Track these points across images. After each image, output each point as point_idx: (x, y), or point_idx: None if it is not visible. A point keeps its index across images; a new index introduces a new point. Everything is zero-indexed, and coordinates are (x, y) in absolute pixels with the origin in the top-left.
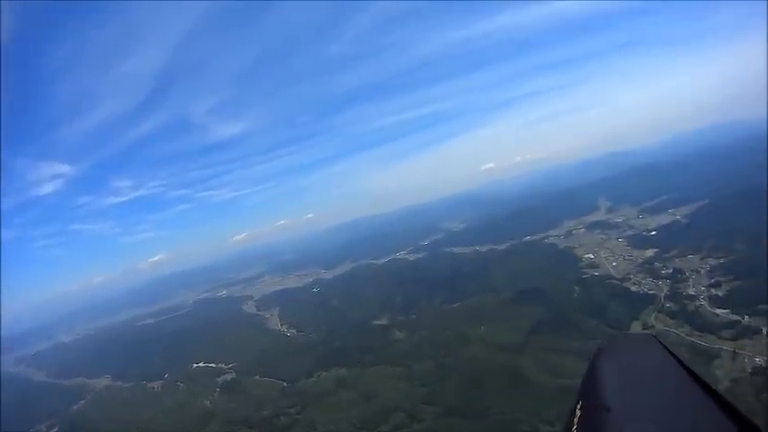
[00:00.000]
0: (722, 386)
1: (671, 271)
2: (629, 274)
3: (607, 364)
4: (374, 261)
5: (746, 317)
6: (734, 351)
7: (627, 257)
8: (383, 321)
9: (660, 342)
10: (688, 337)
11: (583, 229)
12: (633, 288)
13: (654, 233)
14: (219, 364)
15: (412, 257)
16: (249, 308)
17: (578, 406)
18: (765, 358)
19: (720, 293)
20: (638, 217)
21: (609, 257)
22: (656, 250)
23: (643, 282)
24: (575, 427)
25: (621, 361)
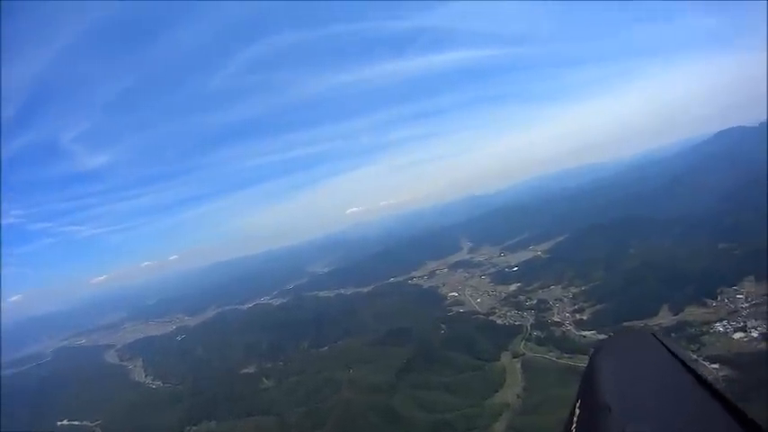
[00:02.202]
0: None
1: (535, 302)
2: (494, 308)
3: (605, 362)
4: (239, 306)
5: (612, 335)
6: None
7: (491, 293)
8: (251, 369)
9: (658, 339)
10: (559, 360)
11: (446, 269)
12: (499, 321)
13: (516, 269)
14: (84, 422)
15: (277, 302)
16: (112, 358)
17: (577, 405)
18: None
19: (585, 317)
20: (500, 255)
21: (473, 294)
22: (519, 284)
23: (509, 314)
24: (574, 426)
25: (620, 359)
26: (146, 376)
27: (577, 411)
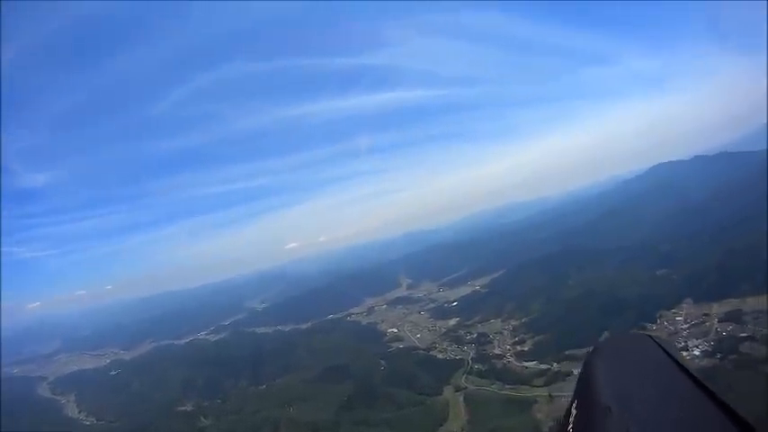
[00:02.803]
0: (544, 426)
1: (475, 336)
2: (434, 343)
3: (602, 363)
4: (175, 341)
5: (555, 364)
6: (549, 395)
7: (431, 328)
8: (188, 407)
9: (655, 340)
10: (502, 392)
11: (385, 306)
12: (440, 356)
13: (455, 304)
14: None
15: (214, 338)
16: (44, 391)
17: (573, 405)
18: None
19: (526, 348)
20: (439, 290)
21: (413, 330)
22: (458, 319)
23: (449, 349)
24: (570, 426)
25: (616, 360)
26: (79, 412)
27: (573, 412)
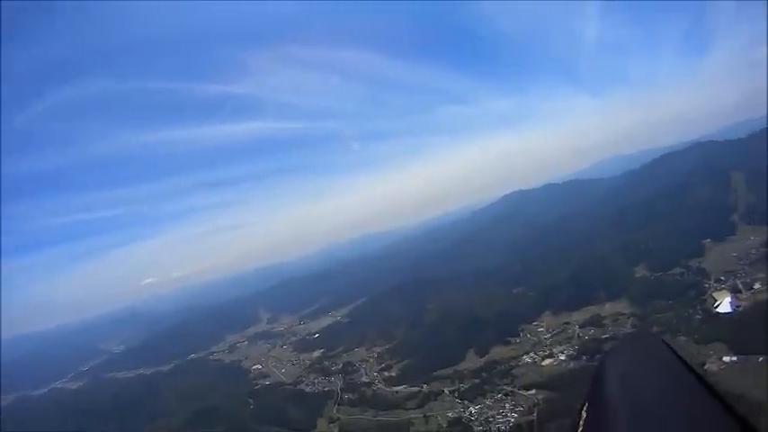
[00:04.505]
0: None
1: (341, 366)
2: (300, 377)
3: (614, 365)
4: (31, 392)
5: (425, 385)
6: (424, 416)
7: (295, 362)
8: None
9: (667, 344)
10: (377, 418)
11: (247, 342)
12: (308, 389)
13: (317, 335)
14: None
15: (73, 386)
16: None
17: (585, 407)
18: (456, 412)
19: (393, 374)
20: (300, 323)
21: (277, 365)
22: (322, 350)
23: (316, 381)
24: (580, 429)
25: (628, 362)
26: None
27: (584, 413)
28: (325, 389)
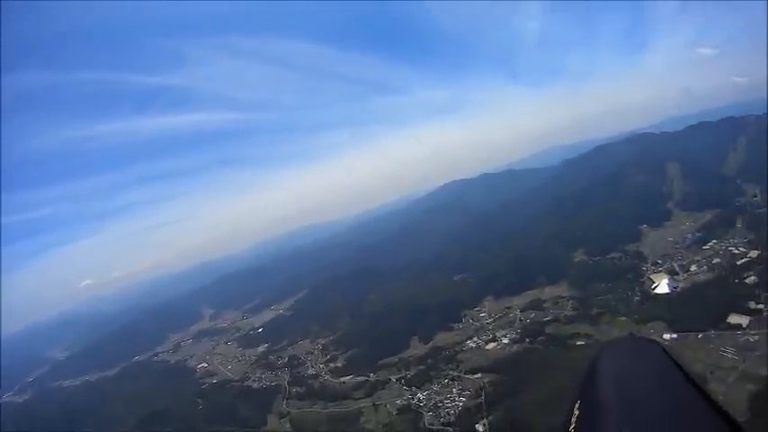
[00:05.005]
0: None
1: (287, 359)
2: (246, 373)
3: (606, 365)
4: None
5: (371, 375)
6: (373, 404)
7: (240, 358)
8: None
9: (660, 346)
10: (326, 410)
11: (191, 340)
12: (255, 385)
13: (261, 330)
14: None
15: (20, 399)
16: None
17: (576, 406)
18: (405, 399)
19: (339, 365)
20: (243, 318)
21: (223, 362)
22: (267, 345)
23: (263, 377)
24: (572, 426)
25: (620, 363)
26: None
27: (576, 412)
28: (273, 384)
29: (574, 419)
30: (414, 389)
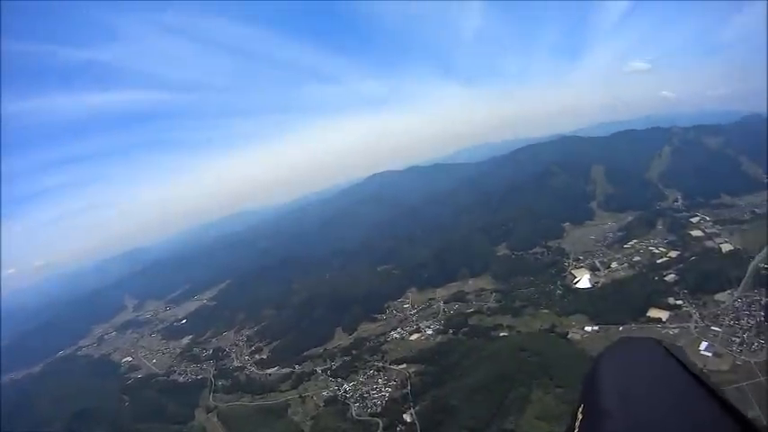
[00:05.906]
0: (305, 427)
1: (211, 351)
2: (171, 366)
3: (609, 367)
4: None
5: (296, 366)
6: (300, 396)
7: (165, 351)
8: None
9: (663, 346)
10: (254, 403)
11: (114, 332)
12: (181, 379)
13: (185, 321)
14: None
15: None
16: None
17: (580, 409)
18: (331, 391)
19: (264, 356)
20: (166, 309)
21: (147, 355)
22: (191, 336)
23: (188, 370)
24: (576, 430)
25: (623, 364)
26: None
27: (579, 415)
28: (199, 377)
29: (577, 423)
30: (339, 380)
